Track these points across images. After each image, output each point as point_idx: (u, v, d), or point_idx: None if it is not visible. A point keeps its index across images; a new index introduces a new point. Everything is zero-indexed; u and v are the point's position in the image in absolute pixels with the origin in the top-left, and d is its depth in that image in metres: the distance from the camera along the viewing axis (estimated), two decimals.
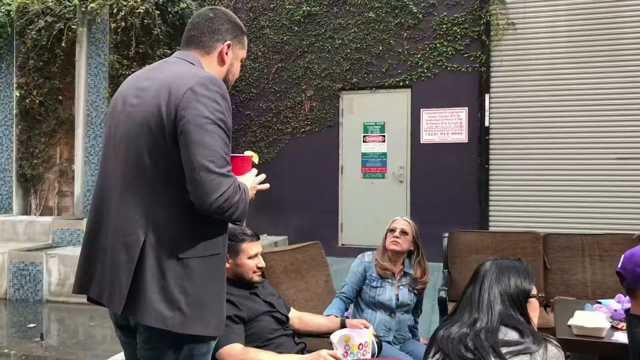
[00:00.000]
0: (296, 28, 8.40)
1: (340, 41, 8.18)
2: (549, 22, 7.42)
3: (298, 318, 2.84)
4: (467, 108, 7.67)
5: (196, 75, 1.73)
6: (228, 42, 1.92)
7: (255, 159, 2.07)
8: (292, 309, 2.84)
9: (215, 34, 1.90)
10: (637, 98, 7.08)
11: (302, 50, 8.37)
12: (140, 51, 7.47)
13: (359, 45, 8.10)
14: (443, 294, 3.95)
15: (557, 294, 4.14)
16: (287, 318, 2.67)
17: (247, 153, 2.04)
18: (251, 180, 1.92)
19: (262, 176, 1.99)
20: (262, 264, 2.59)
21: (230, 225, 1.90)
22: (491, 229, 7.43)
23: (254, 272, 2.55)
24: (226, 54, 1.93)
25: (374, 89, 8.11)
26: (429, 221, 7.19)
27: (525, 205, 7.48)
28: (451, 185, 7.68)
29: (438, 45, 7.77)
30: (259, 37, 8.58)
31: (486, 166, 7.58)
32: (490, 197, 7.61)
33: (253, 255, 2.55)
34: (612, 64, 7.17)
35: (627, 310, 2.28)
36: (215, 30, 1.90)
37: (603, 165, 7.21)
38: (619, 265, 2.25)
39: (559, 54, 7.37)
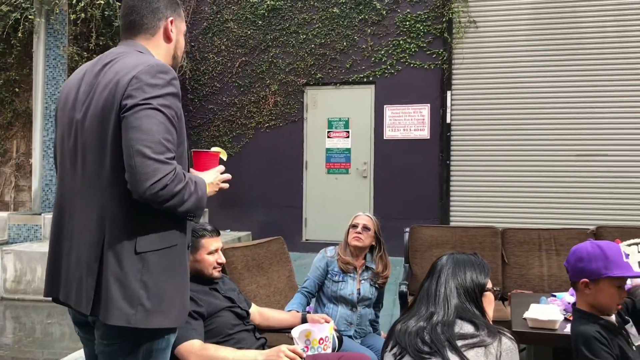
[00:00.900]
0: (260, 22, 8.35)
1: (304, 36, 8.17)
2: (510, 21, 7.56)
3: (259, 313, 2.84)
4: (429, 105, 7.76)
5: (143, 63, 1.70)
6: (170, 18, 1.89)
7: (224, 156, 2.04)
8: (253, 305, 2.83)
9: (156, 13, 1.86)
10: (595, 96, 7.29)
11: (266, 44, 8.33)
12: (101, 43, 7.32)
13: (323, 41, 8.10)
14: (404, 288, 3.99)
15: (515, 288, 4.23)
16: (248, 313, 2.66)
17: (214, 149, 2.02)
18: (213, 177, 1.89)
19: (228, 176, 1.96)
20: (222, 259, 2.58)
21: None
22: (452, 223, 7.55)
23: (214, 268, 2.54)
24: (171, 31, 1.90)
25: (338, 84, 8.13)
26: (392, 216, 7.29)
27: (485, 200, 7.63)
28: (413, 180, 7.77)
29: (401, 42, 7.83)
30: (223, 30, 8.50)
31: (447, 162, 7.69)
32: (451, 193, 7.73)
33: (213, 250, 2.53)
34: (571, 62, 7.36)
35: (573, 304, 2.35)
36: (155, 9, 1.86)
37: (561, 162, 7.40)
38: (566, 259, 2.33)
39: (519, 51, 7.52)
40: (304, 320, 2.84)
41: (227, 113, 8.50)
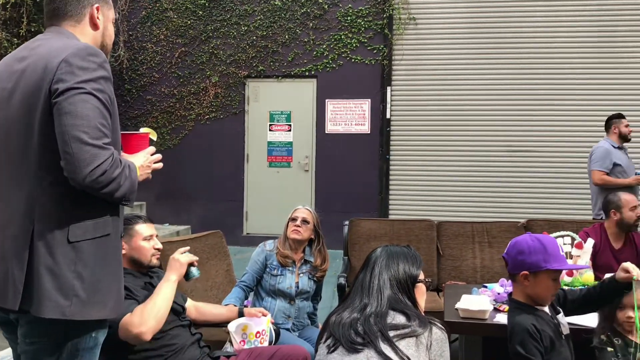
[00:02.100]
0: (201, 12, 8.20)
1: (246, 28, 8.09)
2: (448, 19, 7.73)
3: (195, 308, 2.80)
4: (369, 100, 7.85)
5: (71, 46, 1.65)
6: (95, 5, 1.84)
7: (153, 136, 2.01)
8: (188, 299, 2.80)
9: (80, 0, 1.81)
10: (526, 94, 7.55)
11: (207, 35, 8.19)
12: (33, 29, 7.01)
13: (265, 33, 8.05)
14: (342, 280, 4.04)
15: (449, 279, 4.36)
16: (184, 308, 2.62)
17: (143, 130, 1.97)
18: (142, 159, 1.85)
19: (158, 156, 1.93)
20: (159, 245, 2.53)
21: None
22: (391, 217, 7.68)
23: (152, 254, 2.48)
24: (97, 18, 1.84)
25: (280, 77, 8.10)
26: (333, 209, 7.36)
27: (423, 194, 7.79)
28: (354, 174, 7.85)
29: (343, 36, 7.88)
30: (162, 19, 8.30)
31: (387, 157, 7.81)
32: (390, 187, 7.85)
33: (147, 236, 2.47)
34: (505, 62, 7.60)
35: (509, 294, 2.44)
36: None
37: (494, 158, 7.65)
38: (505, 251, 2.41)
39: (457, 49, 7.70)
40: (241, 314, 2.83)
41: (165, 104, 8.32)
